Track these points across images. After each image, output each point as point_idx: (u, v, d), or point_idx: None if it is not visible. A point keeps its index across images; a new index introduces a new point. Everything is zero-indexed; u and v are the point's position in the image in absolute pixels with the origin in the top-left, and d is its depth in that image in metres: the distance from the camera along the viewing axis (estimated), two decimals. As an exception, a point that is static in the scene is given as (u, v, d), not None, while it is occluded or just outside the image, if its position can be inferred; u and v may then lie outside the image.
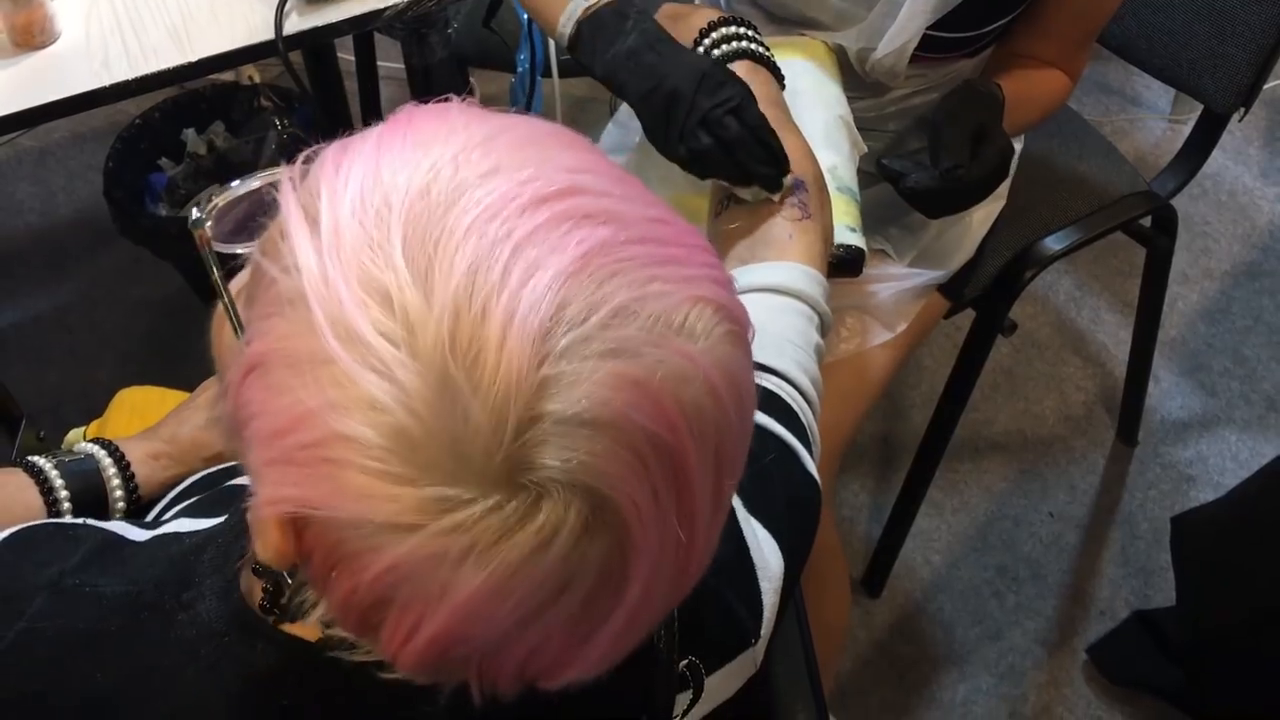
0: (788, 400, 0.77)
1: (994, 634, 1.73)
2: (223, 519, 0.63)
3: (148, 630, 0.56)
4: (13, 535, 0.62)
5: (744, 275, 0.85)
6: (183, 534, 0.63)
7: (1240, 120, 1.48)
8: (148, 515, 0.80)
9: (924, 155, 1.08)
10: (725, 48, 0.92)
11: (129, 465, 0.84)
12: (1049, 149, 1.55)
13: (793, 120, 0.92)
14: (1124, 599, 1.77)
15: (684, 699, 0.64)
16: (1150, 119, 2.42)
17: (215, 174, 1.87)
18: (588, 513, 0.41)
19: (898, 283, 1.29)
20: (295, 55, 1.31)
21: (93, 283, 2.05)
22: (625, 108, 1.34)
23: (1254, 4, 1.37)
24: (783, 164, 0.86)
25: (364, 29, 1.34)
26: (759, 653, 0.69)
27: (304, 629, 0.53)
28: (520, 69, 1.66)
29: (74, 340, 1.98)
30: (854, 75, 1.16)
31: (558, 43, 0.95)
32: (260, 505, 0.43)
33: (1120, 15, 1.45)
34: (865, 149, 1.09)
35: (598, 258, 0.42)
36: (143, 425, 0.92)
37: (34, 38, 1.23)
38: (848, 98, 1.10)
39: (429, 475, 0.40)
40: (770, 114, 0.87)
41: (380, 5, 1.31)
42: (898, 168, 1.07)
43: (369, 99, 2.01)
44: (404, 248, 0.42)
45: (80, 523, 0.64)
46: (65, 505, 0.80)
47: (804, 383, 0.79)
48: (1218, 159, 2.30)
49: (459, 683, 0.46)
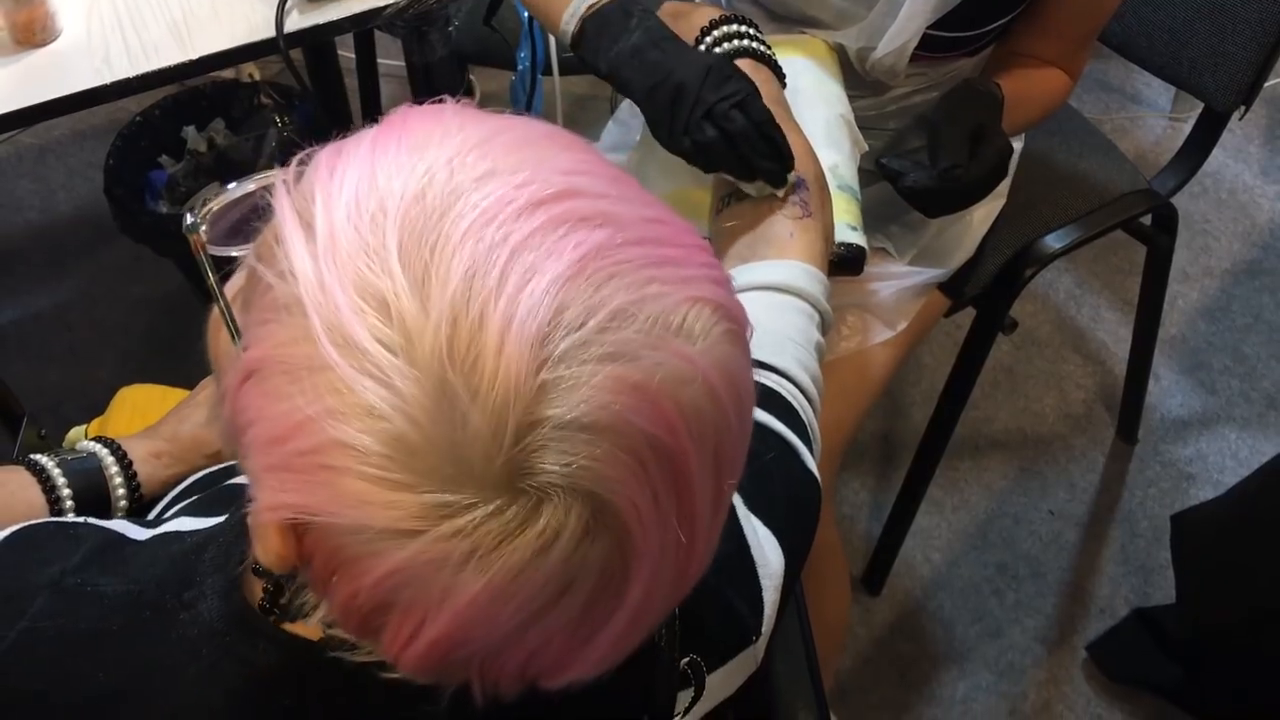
0: (788, 398, 0.77)
1: (994, 631, 1.74)
2: (223, 518, 0.63)
3: (149, 629, 0.56)
4: (14, 534, 0.62)
5: (745, 273, 0.85)
6: (184, 533, 0.63)
7: (1241, 118, 1.48)
8: (149, 514, 0.80)
9: (923, 155, 1.08)
10: (727, 45, 0.92)
11: (131, 464, 0.84)
12: (1049, 147, 1.55)
13: (794, 118, 0.92)
14: (1124, 597, 1.77)
15: (685, 697, 0.64)
16: (1151, 117, 2.42)
17: (215, 171, 1.86)
18: (588, 516, 0.41)
19: (898, 281, 1.29)
20: (295, 53, 1.31)
21: (93, 280, 2.05)
22: (626, 105, 1.34)
23: (1254, 2, 1.36)
24: (787, 160, 0.86)
25: (365, 27, 1.34)
26: (760, 650, 0.69)
27: (305, 628, 0.53)
28: (521, 67, 1.66)
29: (74, 338, 1.98)
30: (854, 74, 1.16)
31: (559, 40, 0.95)
32: (260, 511, 0.43)
33: (1121, 13, 1.45)
34: (866, 147, 1.09)
35: (595, 261, 0.42)
36: (144, 423, 0.92)
37: (35, 35, 1.23)
38: (848, 96, 1.10)
39: (428, 481, 0.40)
40: (772, 111, 0.87)
41: (381, 3, 1.30)
42: (896, 167, 1.07)
43: (369, 97, 2.01)
44: (400, 253, 0.42)
45: (81, 521, 0.64)
46: (68, 504, 0.80)
47: (804, 380, 0.79)
48: (1218, 157, 2.30)
49: (461, 683, 0.46)
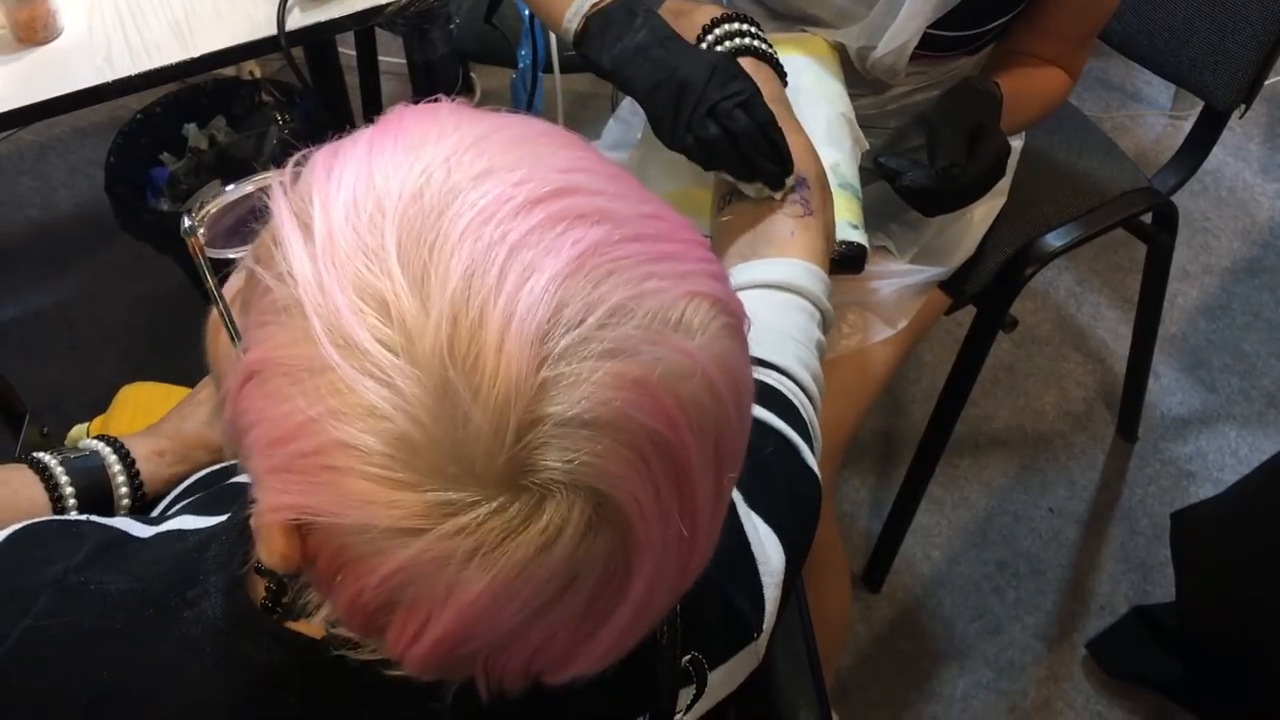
0: (789, 396, 0.77)
1: (994, 629, 1.74)
2: (226, 516, 0.63)
3: (153, 628, 0.56)
4: (17, 532, 0.62)
5: (746, 271, 0.85)
6: (186, 531, 0.63)
7: (1241, 117, 1.48)
8: (152, 512, 0.80)
9: (921, 154, 1.08)
10: (729, 43, 0.92)
11: (134, 462, 0.84)
12: (1050, 145, 1.55)
13: (795, 117, 0.93)
14: (1123, 594, 1.77)
15: (687, 694, 0.64)
16: (1151, 115, 2.42)
17: (216, 169, 1.86)
18: (591, 512, 0.41)
19: (899, 279, 1.29)
20: (296, 50, 1.31)
21: (94, 278, 2.05)
22: (627, 103, 1.34)
23: (1255, 0, 1.37)
24: (787, 162, 0.86)
25: (366, 25, 1.34)
26: (761, 647, 0.69)
27: (309, 627, 0.54)
28: (522, 65, 1.66)
29: (75, 335, 1.98)
30: (855, 72, 1.16)
31: (561, 38, 0.95)
32: (263, 512, 0.44)
33: (1121, 11, 1.45)
34: (867, 146, 1.09)
35: (593, 258, 0.42)
36: (146, 422, 0.92)
37: (37, 33, 1.23)
38: (849, 95, 1.10)
39: (431, 480, 0.40)
40: (773, 111, 0.87)
41: (382, 1, 1.30)
42: (894, 166, 1.07)
43: (370, 94, 2.01)
44: (399, 253, 0.42)
45: (84, 519, 0.64)
46: (70, 502, 0.80)
47: (805, 378, 0.79)
48: (1218, 155, 2.30)
49: (465, 680, 0.46)
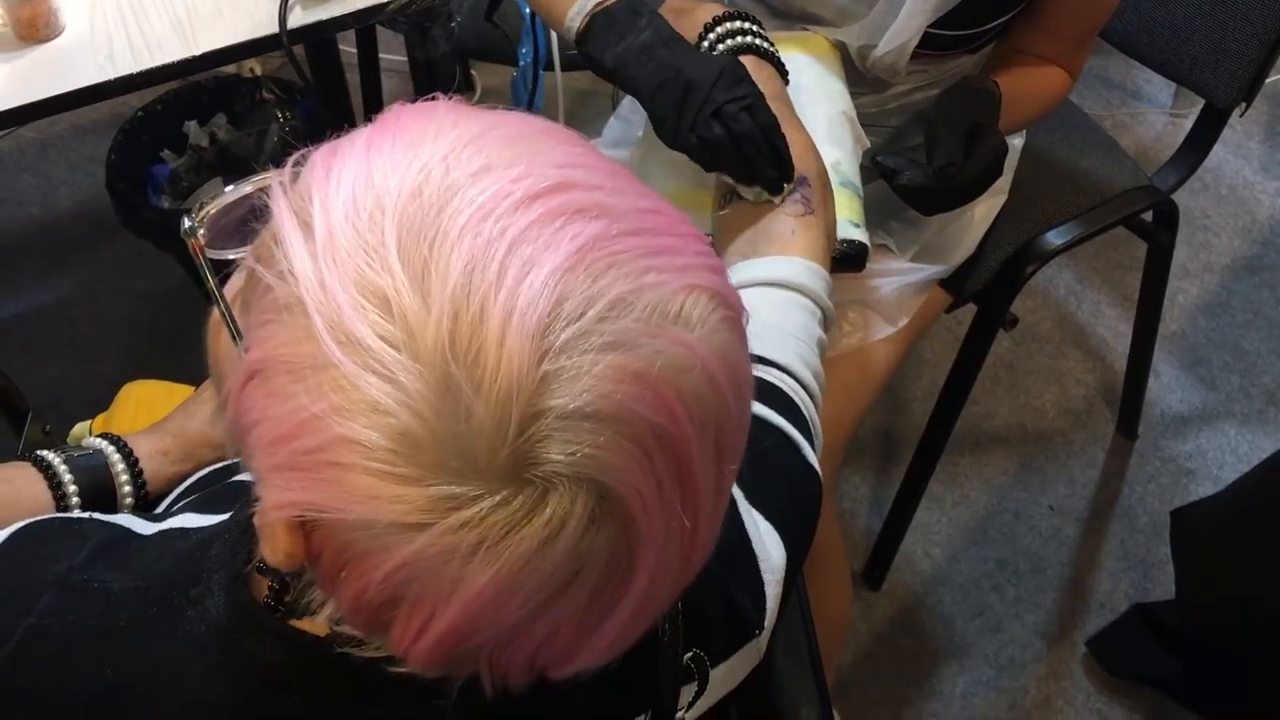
0: (789, 393, 0.78)
1: (994, 627, 1.74)
2: (228, 514, 0.63)
3: (156, 625, 0.56)
4: (20, 530, 0.62)
5: (747, 269, 0.85)
6: (189, 529, 0.63)
7: (1241, 115, 1.48)
8: (156, 510, 0.80)
9: (919, 152, 1.08)
10: (730, 42, 0.92)
11: (137, 460, 0.84)
12: (1050, 143, 1.55)
13: (796, 115, 0.93)
14: (1123, 592, 1.77)
15: (688, 691, 0.64)
16: (1151, 113, 2.42)
17: (217, 166, 1.86)
18: (594, 504, 0.42)
19: (900, 277, 1.29)
20: (297, 48, 1.31)
21: (95, 275, 2.05)
22: (628, 101, 1.34)
23: (1256, -1, 1.37)
24: (787, 168, 0.86)
25: (367, 23, 1.34)
26: (762, 644, 0.69)
27: (312, 624, 0.54)
28: (523, 63, 1.66)
29: (76, 333, 1.98)
30: (855, 71, 1.16)
31: (563, 36, 0.95)
32: (267, 510, 0.44)
33: (1122, 9, 1.44)
34: (868, 144, 1.09)
35: (592, 252, 0.43)
36: (148, 420, 0.92)
37: (38, 31, 1.23)
38: (850, 93, 1.11)
39: (434, 475, 0.41)
40: (774, 109, 0.87)
41: (383, -1, 1.31)
42: (891, 164, 1.07)
43: (371, 92, 2.01)
44: (399, 250, 0.42)
45: (86, 517, 0.64)
46: (74, 500, 0.81)
47: (806, 376, 0.80)
48: (1219, 153, 2.30)
49: (469, 675, 0.46)
